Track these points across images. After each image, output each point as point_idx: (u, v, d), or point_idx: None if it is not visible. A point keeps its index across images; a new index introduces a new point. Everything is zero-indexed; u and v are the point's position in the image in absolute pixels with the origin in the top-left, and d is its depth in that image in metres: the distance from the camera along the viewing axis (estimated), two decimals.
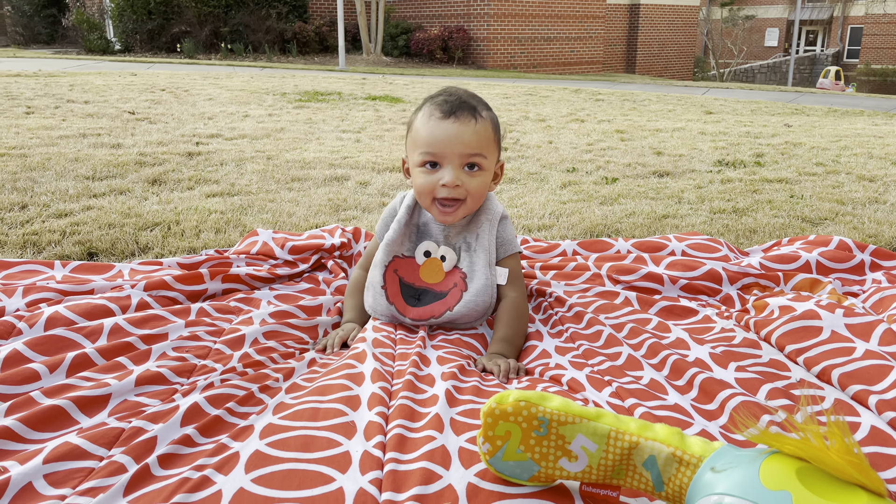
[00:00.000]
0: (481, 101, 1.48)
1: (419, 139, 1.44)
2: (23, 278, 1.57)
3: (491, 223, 1.51)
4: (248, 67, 11.28)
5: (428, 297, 1.51)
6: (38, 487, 0.85)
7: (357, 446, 0.96)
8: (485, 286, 1.48)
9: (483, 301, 1.49)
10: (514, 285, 1.51)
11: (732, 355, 1.29)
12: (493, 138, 1.46)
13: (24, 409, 1.02)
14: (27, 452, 0.92)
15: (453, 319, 1.48)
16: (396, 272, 1.53)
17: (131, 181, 2.87)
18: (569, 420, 0.87)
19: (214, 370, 1.19)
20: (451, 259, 1.52)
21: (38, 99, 5.92)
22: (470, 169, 1.44)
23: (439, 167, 1.44)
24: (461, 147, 1.41)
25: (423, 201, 1.49)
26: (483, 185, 1.46)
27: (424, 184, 1.45)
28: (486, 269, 1.49)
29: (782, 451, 0.77)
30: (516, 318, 1.46)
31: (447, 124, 1.41)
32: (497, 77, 11.71)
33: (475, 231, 1.51)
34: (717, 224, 2.45)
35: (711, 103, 7.87)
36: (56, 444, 0.92)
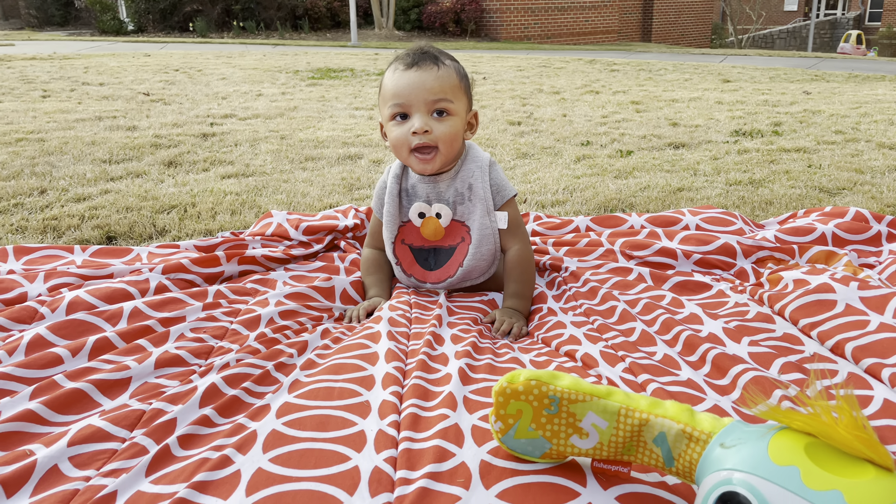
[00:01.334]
0: (445, 53, 1.51)
1: (387, 93, 1.48)
2: (43, 263, 1.60)
3: (482, 170, 1.53)
4: (261, 45, 11.25)
5: (441, 256, 1.56)
6: (64, 469, 0.88)
7: (372, 425, 0.98)
8: (486, 235, 1.51)
9: (488, 250, 1.52)
10: (516, 235, 1.54)
11: (746, 330, 1.29)
12: (458, 84, 1.48)
13: (48, 393, 1.04)
14: (52, 435, 0.95)
15: (467, 274, 1.54)
16: (404, 241, 1.58)
17: (147, 164, 2.90)
18: (579, 398, 0.88)
19: (231, 350, 1.21)
20: (446, 215, 1.54)
21: (54, 82, 5.96)
22: (438, 115, 1.46)
23: (408, 118, 1.47)
24: (425, 94, 1.44)
25: (401, 155, 1.51)
26: (453, 129, 1.47)
27: (398, 136, 1.47)
28: (485, 217, 1.52)
29: (791, 427, 0.78)
30: (524, 272, 1.51)
31: (410, 74, 1.45)
32: (510, 49, 11.59)
33: (467, 181, 1.53)
34: (732, 196, 2.43)
35: (729, 71, 7.74)
36: (80, 427, 0.95)
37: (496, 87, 6.10)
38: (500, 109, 4.75)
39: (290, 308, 1.40)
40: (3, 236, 1.90)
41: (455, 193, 1.53)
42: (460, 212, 1.54)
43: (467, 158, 1.55)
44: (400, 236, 1.58)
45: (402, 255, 1.58)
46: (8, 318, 1.29)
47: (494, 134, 3.80)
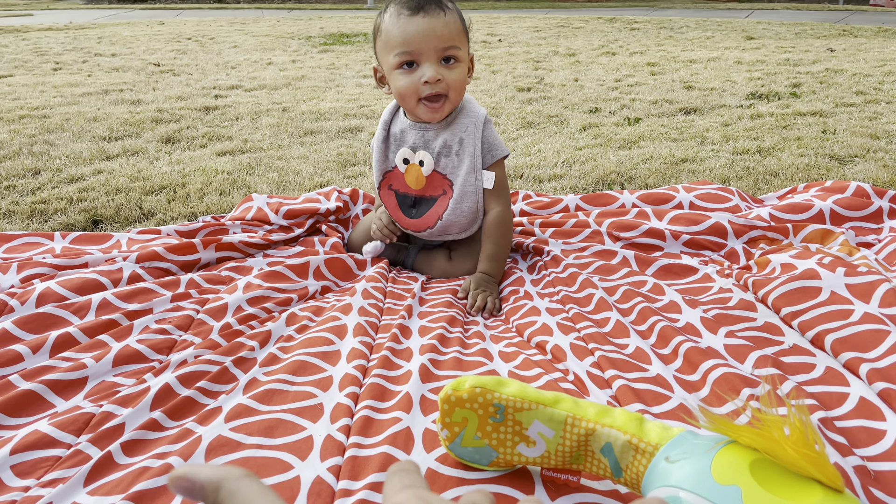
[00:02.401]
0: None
1: (392, 41, 1.43)
2: (23, 251, 1.59)
3: (475, 125, 1.50)
4: (276, 10, 11.13)
5: (423, 205, 1.56)
6: (5, 479, 0.87)
7: (321, 430, 0.95)
8: (469, 192, 1.50)
9: (468, 207, 1.52)
10: (499, 198, 1.52)
11: (725, 319, 1.24)
12: (462, 29, 1.45)
13: (2, 395, 1.04)
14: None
15: (445, 227, 1.54)
16: (391, 187, 1.59)
17: (145, 140, 2.88)
18: (525, 406, 0.84)
19: (192, 344, 1.20)
20: (428, 163, 1.53)
21: (67, 54, 5.95)
22: (447, 62, 1.43)
23: (416, 66, 1.43)
24: (436, 41, 1.40)
25: (407, 104, 1.49)
26: (462, 76, 1.45)
27: (407, 85, 1.44)
28: (472, 173, 1.50)
29: (738, 442, 0.74)
30: (503, 234, 1.51)
31: (418, 20, 1.40)
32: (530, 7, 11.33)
33: (458, 135, 1.50)
34: (737, 167, 2.35)
35: (753, 27, 7.48)
36: (26, 433, 0.94)
37: (510, 50, 5.97)
38: (511, 74, 4.65)
39: (258, 294, 1.37)
40: None
41: (443, 144, 1.51)
42: (443, 164, 1.52)
43: (463, 111, 1.52)
44: (387, 182, 1.58)
45: (387, 200, 1.59)
46: None
47: (501, 101, 3.71)
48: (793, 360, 1.11)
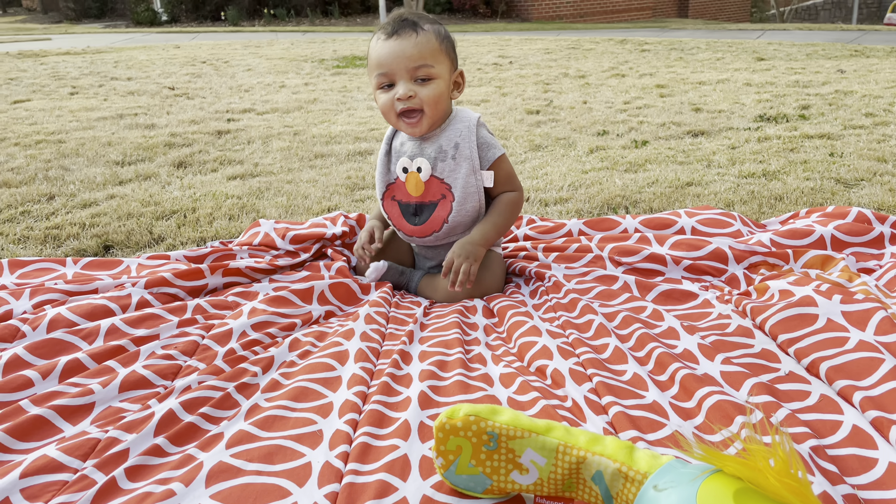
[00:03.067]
0: (426, 17, 1.56)
1: (372, 63, 1.56)
2: (36, 277, 1.63)
3: (469, 129, 1.58)
4: (291, 33, 11.29)
5: (425, 211, 1.63)
6: (15, 502, 0.90)
7: (320, 457, 0.97)
8: (470, 192, 1.58)
9: (472, 206, 1.59)
10: (508, 185, 1.62)
11: (722, 346, 1.25)
12: (438, 48, 1.53)
13: (12, 419, 1.07)
14: (7, 466, 0.97)
15: (451, 229, 1.61)
16: (394, 198, 1.67)
17: (158, 164, 2.93)
18: (517, 434, 0.86)
19: (196, 370, 1.22)
20: (426, 169, 1.60)
21: (84, 78, 6.07)
22: (422, 81, 1.53)
23: (392, 85, 1.54)
24: (406, 61, 1.50)
25: (390, 120, 1.60)
26: (436, 92, 1.54)
27: (385, 102, 1.56)
28: (472, 175, 1.58)
29: (724, 471, 0.75)
30: (509, 211, 1.60)
31: (391, 43, 1.52)
32: (541, 30, 11.42)
33: (453, 139, 1.58)
34: (742, 191, 2.36)
35: (764, 48, 7.50)
36: (34, 458, 0.97)
37: (521, 73, 6.02)
38: (521, 97, 4.69)
39: (263, 319, 1.40)
40: (3, 247, 1.95)
41: (438, 150, 1.59)
42: (440, 168, 1.59)
43: (456, 118, 1.61)
44: (389, 193, 1.67)
45: (391, 210, 1.67)
46: None
47: (510, 124, 3.75)
48: (788, 388, 1.12)
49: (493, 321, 1.49)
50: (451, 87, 1.58)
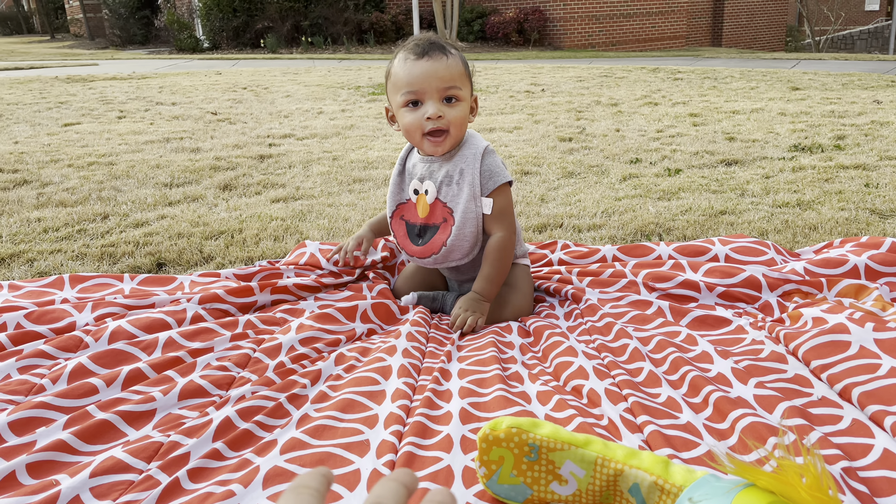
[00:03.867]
0: (450, 43, 1.62)
1: (399, 82, 1.59)
2: (95, 291, 1.73)
3: (475, 156, 1.63)
4: (327, 60, 11.56)
5: (428, 233, 1.68)
6: (85, 500, 0.97)
7: (368, 464, 1.03)
8: (469, 218, 1.61)
9: (470, 232, 1.63)
10: (500, 223, 1.63)
11: (755, 370, 1.28)
12: (464, 72, 1.60)
13: (80, 423, 1.14)
14: (77, 466, 1.04)
15: (449, 252, 1.65)
16: (402, 217, 1.73)
17: (204, 187, 3.05)
18: (557, 447, 0.91)
19: (249, 381, 1.29)
20: (431, 192, 1.66)
21: (130, 102, 6.30)
22: (448, 101, 1.58)
23: (421, 104, 1.58)
24: (438, 82, 1.55)
25: (413, 139, 1.63)
26: (462, 114, 1.60)
27: (412, 121, 1.59)
28: (472, 201, 1.61)
29: (756, 485, 0.79)
30: (500, 259, 1.61)
31: (422, 63, 1.56)
32: (573, 58, 11.53)
33: (459, 165, 1.63)
34: (776, 220, 2.38)
35: (799, 78, 7.49)
36: (103, 458, 1.04)
37: (553, 100, 6.10)
38: (553, 124, 4.76)
39: (310, 335, 1.47)
40: (63, 263, 2.06)
41: (445, 175, 1.64)
42: (444, 193, 1.64)
43: (465, 144, 1.65)
44: (399, 212, 1.73)
45: (398, 229, 1.73)
46: (55, 347, 1.41)
47: (543, 151, 3.81)
48: (820, 412, 1.15)
49: (529, 340, 1.54)
50: (467, 112, 1.63)
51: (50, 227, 2.43)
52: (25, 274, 1.98)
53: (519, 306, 1.67)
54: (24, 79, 8.69)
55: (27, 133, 4.62)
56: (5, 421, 1.14)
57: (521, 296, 1.68)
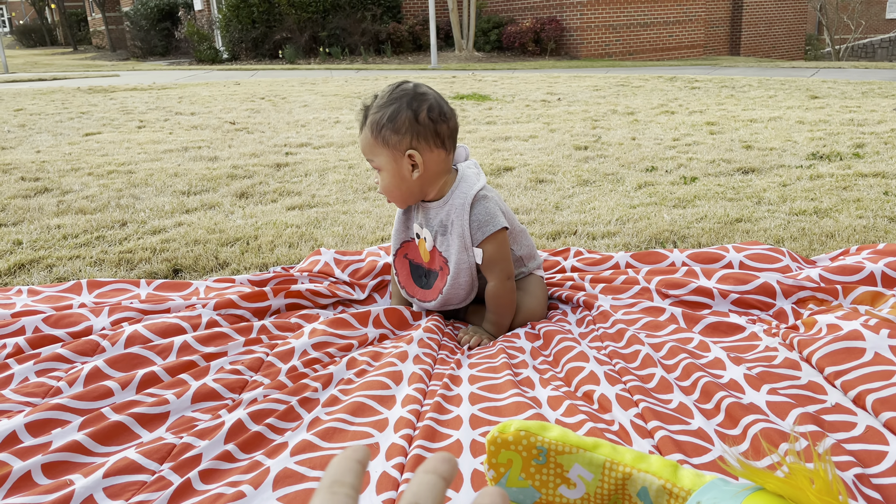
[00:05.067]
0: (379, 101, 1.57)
1: None
2: (112, 296, 1.75)
3: (463, 207, 1.60)
4: (345, 70, 11.65)
5: (431, 277, 1.68)
6: (98, 499, 0.98)
7: (377, 467, 1.03)
8: (463, 269, 1.61)
9: (465, 280, 1.63)
10: (491, 271, 1.61)
11: (768, 377, 1.27)
12: (373, 142, 1.56)
13: (95, 425, 1.16)
14: (91, 466, 1.06)
15: (446, 300, 1.65)
16: (406, 256, 1.72)
17: (221, 195, 3.08)
18: (566, 450, 0.91)
19: (262, 384, 1.30)
20: (429, 240, 1.66)
21: (150, 112, 6.38)
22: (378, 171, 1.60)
23: None
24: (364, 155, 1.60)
25: None
26: (385, 183, 1.60)
27: None
28: (464, 252, 1.61)
29: (765, 488, 0.78)
30: (498, 306, 1.62)
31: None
32: (590, 67, 11.52)
33: (451, 215, 1.61)
34: (792, 228, 2.37)
35: (818, 86, 7.44)
36: (116, 459, 1.05)
37: (569, 109, 6.10)
38: (569, 133, 4.76)
39: (322, 340, 1.48)
40: (82, 269, 2.09)
41: (440, 224, 1.64)
42: (440, 242, 1.65)
43: (456, 190, 1.61)
44: (403, 250, 1.73)
45: (401, 267, 1.73)
46: (72, 351, 1.43)
47: (558, 160, 3.81)
48: (834, 419, 1.13)
49: (539, 343, 1.54)
50: (405, 171, 1.56)
51: (69, 233, 2.47)
52: (44, 279, 2.01)
53: (532, 310, 1.67)
54: (46, 90, 8.84)
55: (49, 143, 4.69)
56: (22, 422, 1.16)
57: (534, 300, 1.68)
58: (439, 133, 1.56)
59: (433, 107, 1.56)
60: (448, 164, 1.62)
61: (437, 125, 1.55)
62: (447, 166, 1.61)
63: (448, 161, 1.61)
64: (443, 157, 1.59)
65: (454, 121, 1.60)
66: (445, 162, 1.60)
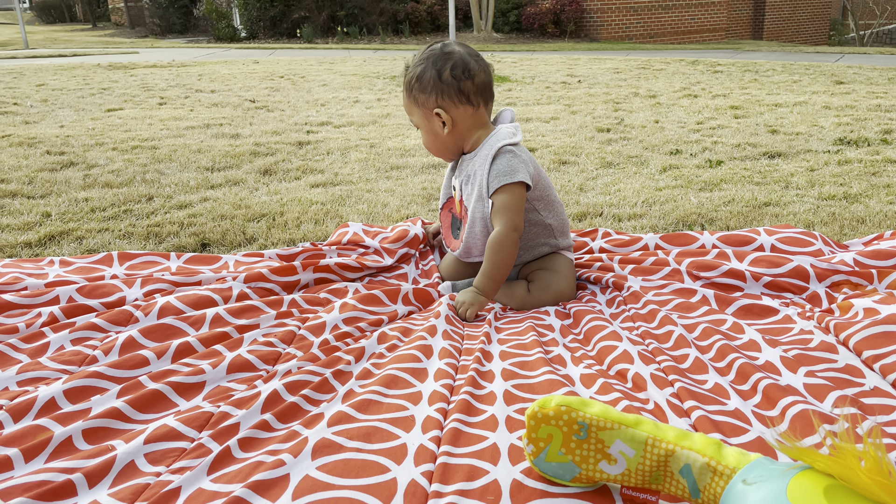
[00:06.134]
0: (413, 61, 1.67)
1: None
2: (143, 269, 1.76)
3: (486, 158, 1.63)
4: (363, 50, 11.59)
5: (460, 227, 1.74)
6: (139, 465, 0.99)
7: (414, 439, 1.04)
8: (477, 218, 1.64)
9: (480, 231, 1.64)
10: (499, 218, 1.61)
11: (805, 359, 1.26)
12: (407, 101, 1.69)
13: (133, 392, 1.17)
14: (132, 433, 1.07)
15: (466, 249, 1.70)
16: (450, 210, 1.80)
17: (245, 172, 3.09)
18: (607, 426, 0.91)
19: (295, 356, 1.31)
20: (458, 190, 1.73)
21: (171, 89, 6.39)
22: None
23: None
24: None
25: None
26: (424, 139, 1.71)
27: None
28: (479, 201, 1.63)
29: (814, 467, 0.78)
30: (496, 253, 1.59)
31: None
32: (610, 50, 11.40)
33: (475, 166, 1.66)
34: (822, 213, 2.34)
35: (843, 72, 7.32)
36: (156, 426, 1.06)
37: (590, 91, 6.04)
38: (591, 115, 4.72)
39: (353, 315, 1.48)
40: (111, 241, 2.10)
41: (466, 175, 1.69)
42: (465, 192, 1.69)
43: (486, 143, 1.66)
44: (448, 205, 1.81)
45: (444, 220, 1.83)
46: (107, 321, 1.44)
47: (581, 142, 3.78)
48: (873, 402, 1.12)
49: (568, 322, 1.53)
50: (437, 127, 1.66)
51: (97, 206, 2.48)
52: (75, 251, 2.03)
53: (561, 290, 1.66)
54: (67, 66, 8.87)
55: (72, 118, 4.72)
56: (61, 389, 1.17)
57: (562, 280, 1.67)
58: (463, 90, 1.62)
59: (456, 64, 1.62)
60: (480, 119, 1.67)
61: (460, 82, 1.62)
62: (479, 121, 1.67)
63: (478, 115, 1.66)
64: (470, 113, 1.65)
65: (482, 76, 1.65)
66: (474, 117, 1.66)
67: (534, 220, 1.68)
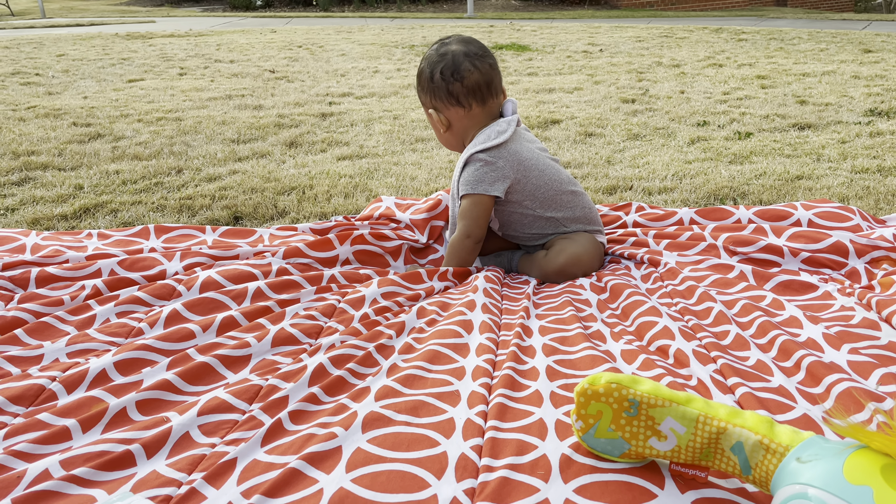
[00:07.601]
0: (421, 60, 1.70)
1: None
2: (179, 242, 1.78)
3: (460, 164, 1.68)
4: (379, 19, 11.48)
5: None
6: (194, 436, 1.01)
7: (461, 414, 1.05)
8: (455, 214, 1.70)
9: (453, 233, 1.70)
10: (459, 223, 1.67)
11: (848, 336, 1.26)
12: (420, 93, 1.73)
13: (182, 365, 1.19)
14: (185, 404, 1.09)
15: None
16: None
17: (271, 144, 3.09)
18: (658, 403, 0.91)
19: (337, 331, 1.32)
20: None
21: (190, 59, 6.37)
22: None
23: None
24: None
25: None
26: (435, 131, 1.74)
27: None
28: (456, 199, 1.69)
29: (870, 447, 0.78)
30: (450, 255, 1.66)
31: None
32: (631, 17, 11.21)
33: (457, 166, 1.71)
34: (856, 186, 2.31)
35: (871, 40, 7.16)
36: (208, 399, 1.08)
37: (612, 60, 5.96)
38: (615, 85, 4.66)
39: (391, 290, 1.49)
40: (145, 214, 2.12)
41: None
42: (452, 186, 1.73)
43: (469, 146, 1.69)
44: None
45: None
46: (150, 294, 1.46)
47: (606, 113, 3.75)
48: None
49: (605, 297, 1.53)
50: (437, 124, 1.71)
51: (128, 179, 2.50)
52: (110, 224, 2.05)
53: (576, 254, 1.63)
54: (85, 35, 8.86)
55: (94, 88, 4.72)
56: (111, 361, 1.19)
57: (578, 246, 1.65)
58: (452, 92, 1.64)
59: (447, 66, 1.64)
60: (474, 119, 1.68)
61: (449, 85, 1.64)
62: (473, 121, 1.68)
63: (472, 116, 1.67)
64: (462, 114, 1.67)
65: (474, 76, 1.63)
66: (468, 117, 1.67)
67: (531, 216, 1.68)
